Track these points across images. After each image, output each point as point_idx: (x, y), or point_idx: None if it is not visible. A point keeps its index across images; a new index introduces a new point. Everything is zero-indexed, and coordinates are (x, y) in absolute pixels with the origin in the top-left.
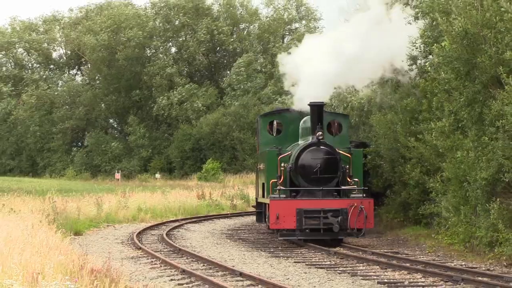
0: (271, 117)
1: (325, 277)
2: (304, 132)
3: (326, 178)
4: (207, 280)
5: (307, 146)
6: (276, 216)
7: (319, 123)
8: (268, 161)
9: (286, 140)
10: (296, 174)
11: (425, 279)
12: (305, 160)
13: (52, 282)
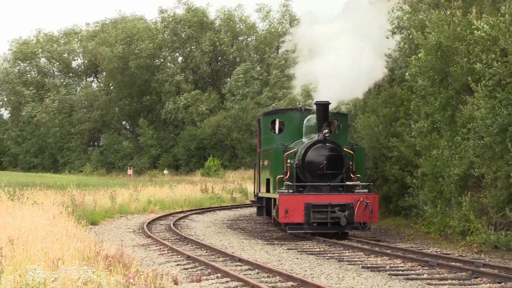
0: (274, 116)
1: (315, 262)
2: (308, 130)
3: (332, 174)
4: (209, 265)
5: (313, 143)
6: (285, 210)
7: (325, 121)
8: (275, 158)
9: (288, 138)
10: (303, 170)
11: (404, 264)
12: (311, 157)
13: (70, 266)
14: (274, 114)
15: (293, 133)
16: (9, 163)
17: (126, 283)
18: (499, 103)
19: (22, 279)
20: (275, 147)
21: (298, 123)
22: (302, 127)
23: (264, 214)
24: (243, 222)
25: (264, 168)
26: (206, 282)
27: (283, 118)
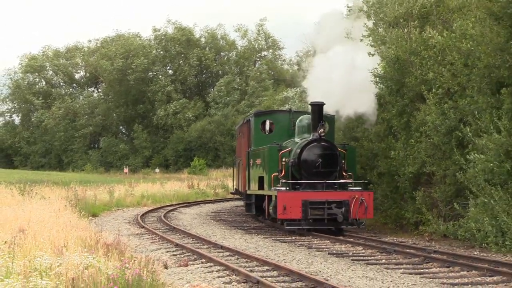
0: (264, 117)
1: (287, 249)
2: (301, 130)
3: (326, 172)
4: (195, 251)
5: (309, 142)
6: (283, 207)
7: (320, 121)
8: (270, 156)
9: (277, 138)
10: (298, 168)
11: (365, 251)
12: (307, 155)
13: (74, 253)
14: (264, 115)
15: (283, 133)
16: (20, 163)
17: (122, 268)
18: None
19: (31, 264)
20: (270, 146)
21: (287, 124)
22: (291, 128)
23: (253, 211)
24: (224, 214)
25: (256, 166)
26: (192, 267)
27: (273, 119)
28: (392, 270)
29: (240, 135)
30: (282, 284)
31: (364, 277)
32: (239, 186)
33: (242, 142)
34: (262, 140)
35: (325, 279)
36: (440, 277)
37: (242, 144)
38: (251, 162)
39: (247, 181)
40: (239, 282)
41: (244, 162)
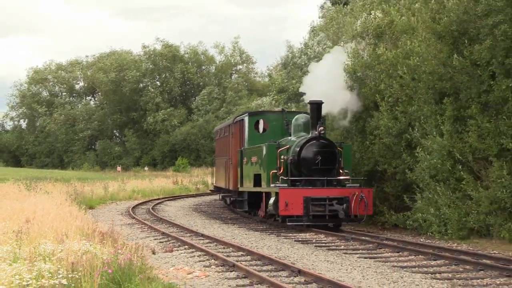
0: (258, 116)
1: (259, 237)
2: (297, 128)
3: (326, 169)
4: (179, 239)
5: (309, 140)
6: (286, 204)
7: (319, 119)
8: (268, 154)
9: (271, 137)
10: (298, 165)
11: (326, 238)
12: (307, 153)
13: (73, 241)
14: (258, 115)
15: (276, 132)
16: (26, 162)
17: (115, 253)
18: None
19: (36, 250)
20: (269, 144)
21: (280, 123)
22: (284, 127)
23: (245, 207)
24: (204, 207)
25: (252, 164)
26: (176, 252)
27: (267, 119)
28: (350, 255)
29: (225, 136)
30: (255, 267)
31: (326, 261)
32: (228, 184)
33: (230, 141)
34: (256, 139)
35: (292, 263)
36: (391, 260)
37: (230, 143)
38: (245, 160)
39: (239, 179)
40: (217, 265)
41: (235, 160)
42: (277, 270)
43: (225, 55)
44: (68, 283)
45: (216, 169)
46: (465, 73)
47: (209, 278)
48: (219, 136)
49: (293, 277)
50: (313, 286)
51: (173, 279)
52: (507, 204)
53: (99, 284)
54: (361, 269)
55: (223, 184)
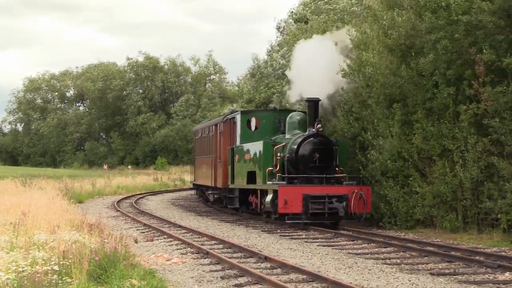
0: (250, 114)
1: (230, 228)
2: (291, 126)
3: (323, 166)
4: (159, 229)
5: (307, 137)
6: (285, 201)
7: (316, 116)
8: (264, 151)
9: (263, 135)
10: (296, 162)
11: (289, 229)
12: (305, 150)
13: (64, 231)
14: (250, 113)
15: (268, 130)
16: (22, 161)
17: (102, 242)
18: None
19: (31, 240)
20: (265, 141)
21: (271, 122)
22: (276, 125)
23: (236, 204)
24: (181, 201)
25: (245, 161)
26: (156, 241)
27: (259, 117)
28: (310, 243)
29: (209, 135)
30: (226, 254)
31: (289, 248)
32: (214, 182)
33: (218, 140)
34: (248, 137)
35: (259, 251)
36: (347, 248)
37: (218, 141)
38: (237, 158)
39: (230, 176)
40: (193, 253)
41: (225, 158)
42: (246, 257)
43: (200, 66)
44: (60, 269)
45: (197, 167)
46: (412, 82)
47: (185, 264)
48: (201, 136)
49: (260, 263)
50: (278, 271)
51: (153, 265)
52: (448, 198)
53: (87, 270)
54: (320, 256)
55: (208, 182)
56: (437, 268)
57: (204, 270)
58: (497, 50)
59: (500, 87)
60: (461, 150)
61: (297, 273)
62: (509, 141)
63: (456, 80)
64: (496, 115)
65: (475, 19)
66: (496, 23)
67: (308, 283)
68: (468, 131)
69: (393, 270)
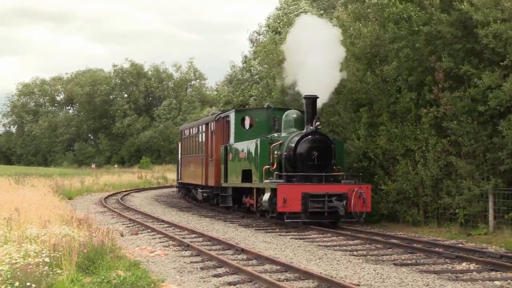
0: (244, 113)
1: (209, 222)
2: (287, 124)
3: (322, 164)
4: (143, 224)
5: (305, 135)
6: (284, 200)
7: (315, 114)
8: (261, 149)
9: (257, 133)
10: (294, 160)
11: (264, 223)
12: (303, 148)
13: (55, 226)
14: (244, 111)
15: (262, 129)
16: (15, 160)
17: (90, 236)
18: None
19: (24, 234)
20: (261, 139)
21: (266, 120)
22: (270, 123)
23: (229, 203)
24: (164, 198)
25: (239, 160)
26: (141, 235)
27: (253, 115)
28: (284, 236)
29: (198, 134)
30: (206, 247)
31: (264, 241)
32: (205, 180)
33: (210, 138)
34: (242, 135)
35: (236, 243)
36: (317, 241)
37: (210, 140)
38: (231, 156)
39: (223, 175)
40: (175, 245)
41: (217, 156)
42: (224, 249)
43: (182, 73)
44: (50, 261)
45: (184, 166)
46: (377, 88)
47: (168, 256)
48: (188, 135)
49: (237, 255)
50: (254, 262)
51: (138, 257)
52: (411, 194)
53: (76, 261)
54: (293, 248)
55: (198, 180)
56: (400, 259)
57: (185, 262)
58: (454, 58)
59: (458, 92)
60: (422, 150)
61: (271, 264)
62: (466, 142)
63: (418, 85)
64: (454, 118)
65: (435, 29)
66: (454, 34)
67: (281, 273)
68: (429, 133)
69: (360, 261)
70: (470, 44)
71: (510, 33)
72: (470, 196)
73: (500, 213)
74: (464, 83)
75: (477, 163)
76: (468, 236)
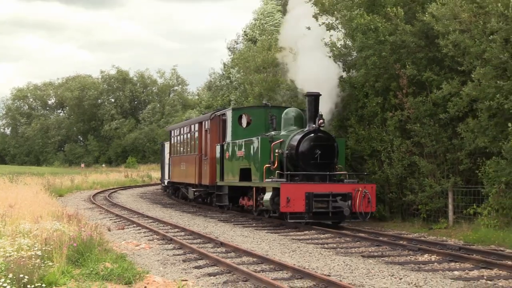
0: (241, 111)
1: (191, 217)
2: (287, 122)
3: (325, 163)
4: (129, 219)
5: (307, 133)
6: (287, 200)
7: (317, 112)
8: (261, 148)
9: (255, 131)
10: (296, 159)
11: (242, 218)
12: (305, 146)
13: (46, 221)
14: (242, 109)
15: (260, 127)
16: (9, 160)
17: (79, 231)
18: None
19: (17, 229)
20: (262, 137)
21: (263, 118)
22: (268, 121)
23: (225, 201)
24: (148, 195)
25: (237, 159)
26: (127, 230)
27: (250, 113)
28: (260, 230)
29: (190, 132)
30: (187, 240)
31: (241, 235)
32: (198, 179)
33: (204, 137)
34: (240, 133)
35: (216, 237)
36: (291, 235)
37: (204, 139)
38: (227, 155)
39: (219, 173)
40: (158, 239)
41: (213, 155)
42: (205, 243)
43: (165, 79)
44: (42, 254)
45: (173, 165)
46: (346, 93)
47: (152, 249)
48: (179, 134)
49: (217, 248)
50: (232, 255)
51: (124, 250)
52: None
53: (67, 254)
54: (268, 241)
55: (190, 179)
56: (367, 251)
57: (168, 254)
58: (417, 66)
59: (420, 97)
60: (388, 151)
61: (248, 256)
62: (428, 143)
63: (384, 91)
64: (417, 121)
65: (400, 39)
66: (417, 43)
67: (257, 264)
68: (394, 135)
69: (330, 253)
70: (432, 53)
71: (467, 42)
72: (431, 193)
73: (459, 208)
74: (426, 88)
75: (438, 163)
76: (430, 230)
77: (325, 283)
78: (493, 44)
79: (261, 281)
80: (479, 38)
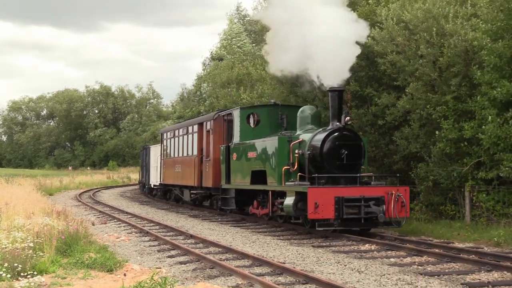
0: (250, 110)
1: (164, 213)
2: (303, 121)
3: (351, 164)
4: (110, 215)
5: (332, 132)
6: (315, 205)
7: (341, 108)
8: (280, 148)
9: (264, 131)
10: (320, 160)
11: (227, 218)
12: (330, 146)
13: (38, 217)
14: (250, 108)
15: (271, 126)
16: (5, 164)
17: (67, 225)
18: None
19: (12, 224)
20: (280, 137)
21: (274, 117)
22: (278, 121)
23: (232, 205)
24: (128, 194)
25: (248, 160)
26: (109, 224)
27: (259, 112)
28: (224, 224)
29: (186, 134)
30: (161, 233)
31: (208, 229)
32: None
33: (206, 138)
34: (249, 133)
35: (186, 230)
36: (251, 228)
37: (205, 140)
38: (235, 156)
39: (224, 176)
40: (136, 232)
41: (215, 157)
42: (176, 235)
43: (142, 93)
44: (34, 245)
45: (166, 168)
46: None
47: (130, 241)
48: (172, 136)
49: (187, 240)
50: (200, 246)
51: (106, 242)
52: None
53: (56, 246)
54: (232, 234)
55: (188, 181)
56: (317, 242)
57: (145, 245)
58: (360, 83)
59: (362, 109)
60: None
61: (214, 247)
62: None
63: None
64: (360, 130)
65: None
66: (359, 64)
67: (223, 254)
68: None
69: (285, 244)
70: (371, 72)
71: (403, 62)
72: None
73: None
74: (367, 102)
75: (377, 165)
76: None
77: (280, 269)
78: (424, 64)
79: (225, 268)
80: (413, 58)
